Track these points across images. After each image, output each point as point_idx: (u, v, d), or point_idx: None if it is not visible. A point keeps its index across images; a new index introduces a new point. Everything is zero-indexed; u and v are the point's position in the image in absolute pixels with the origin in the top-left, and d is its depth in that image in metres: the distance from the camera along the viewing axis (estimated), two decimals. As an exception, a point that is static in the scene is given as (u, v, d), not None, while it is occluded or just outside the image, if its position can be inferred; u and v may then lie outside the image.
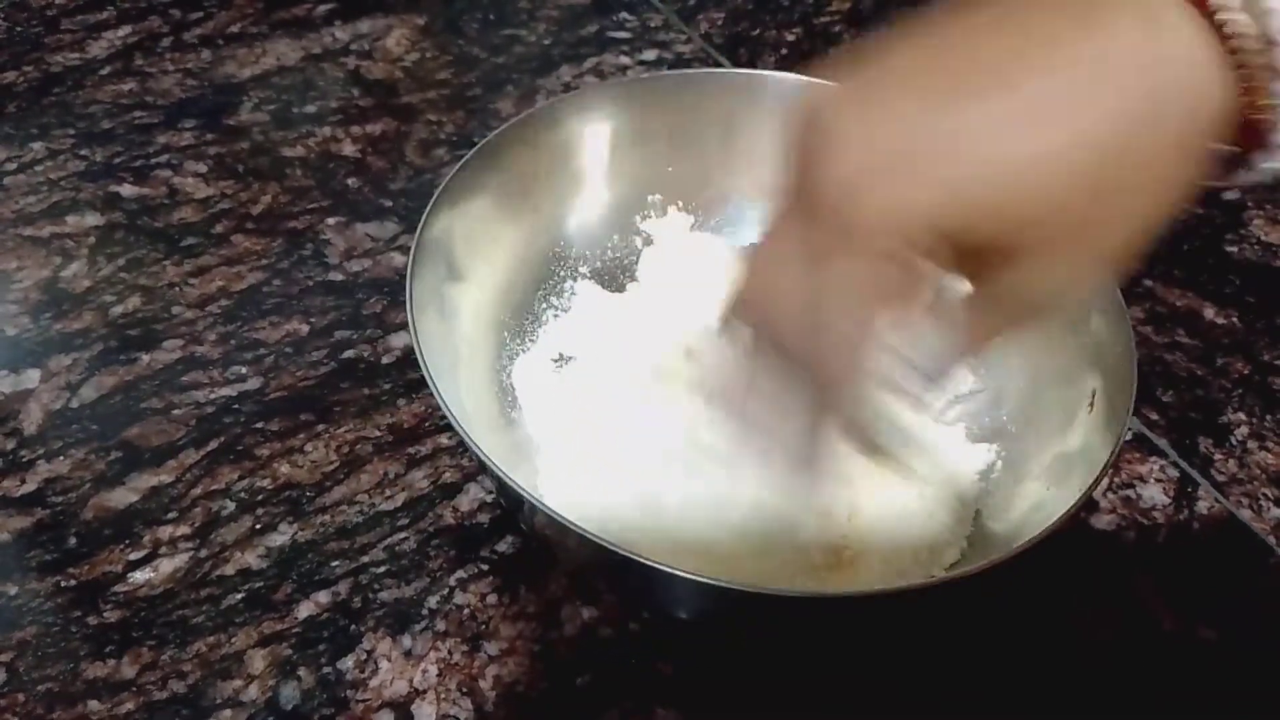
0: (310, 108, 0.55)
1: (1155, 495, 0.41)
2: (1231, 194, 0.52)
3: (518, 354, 0.42)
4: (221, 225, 0.49)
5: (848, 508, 0.36)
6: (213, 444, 0.41)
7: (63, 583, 0.37)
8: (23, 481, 0.39)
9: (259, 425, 0.41)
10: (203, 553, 0.38)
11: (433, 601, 0.37)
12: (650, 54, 0.59)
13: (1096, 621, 0.37)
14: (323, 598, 0.37)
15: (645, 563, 0.28)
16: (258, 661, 0.35)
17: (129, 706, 0.34)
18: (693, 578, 0.28)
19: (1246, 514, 0.40)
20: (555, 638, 0.36)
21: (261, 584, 0.37)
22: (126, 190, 0.50)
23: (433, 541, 0.38)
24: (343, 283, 0.47)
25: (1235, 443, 0.42)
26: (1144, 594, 0.38)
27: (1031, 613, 0.37)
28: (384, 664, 0.35)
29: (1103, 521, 0.40)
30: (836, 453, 0.33)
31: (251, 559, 0.38)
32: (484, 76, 0.57)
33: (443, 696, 0.34)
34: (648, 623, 0.36)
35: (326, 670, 0.35)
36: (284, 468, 0.40)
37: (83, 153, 0.52)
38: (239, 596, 0.37)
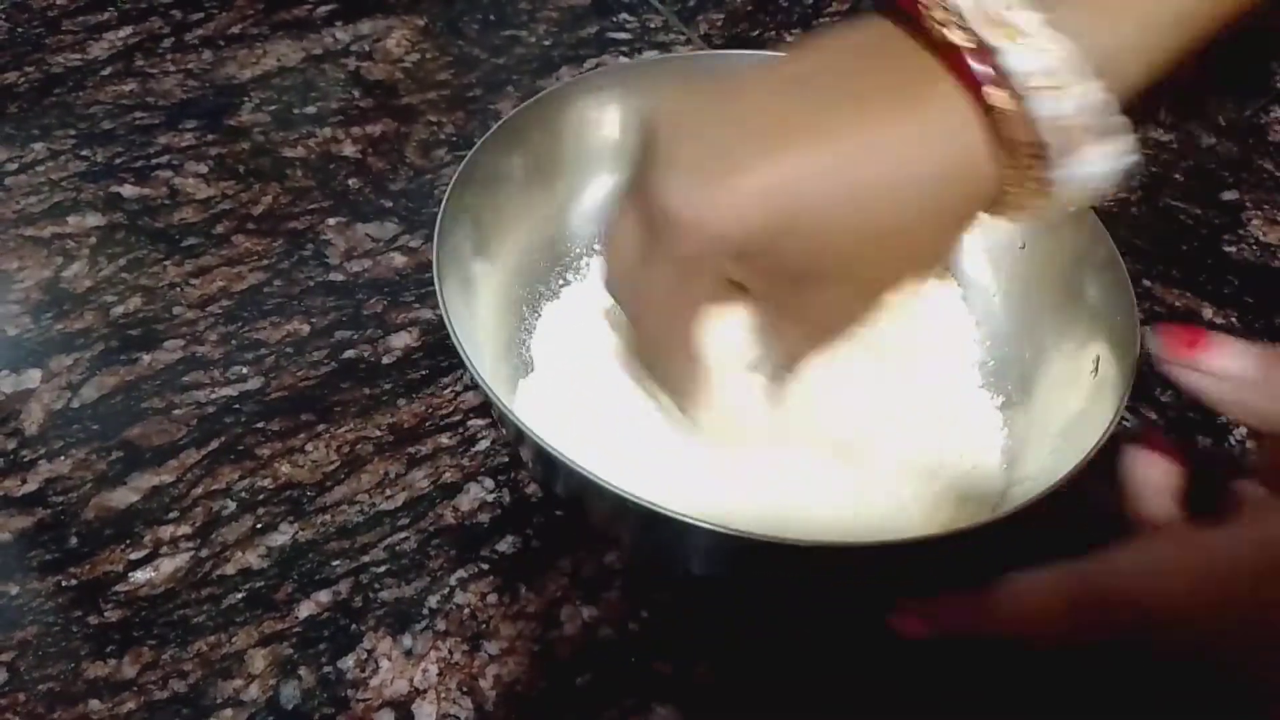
0: (311, 108, 0.55)
1: (1154, 495, 0.41)
2: (1230, 194, 0.52)
3: (534, 327, 0.42)
4: (222, 226, 0.49)
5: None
6: (214, 444, 0.41)
7: (64, 582, 0.37)
8: (24, 481, 0.39)
9: (260, 425, 0.41)
10: (203, 552, 0.38)
11: (433, 601, 0.37)
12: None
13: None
14: (323, 597, 0.37)
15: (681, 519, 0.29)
16: (258, 661, 0.35)
17: (130, 706, 0.34)
18: (712, 528, 0.29)
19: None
20: (555, 637, 0.36)
21: (262, 583, 0.37)
22: (127, 191, 0.50)
23: (433, 541, 0.38)
24: (343, 283, 0.47)
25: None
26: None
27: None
28: (384, 663, 0.35)
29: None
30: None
31: (252, 558, 0.38)
32: (484, 77, 0.57)
33: (443, 696, 0.34)
34: (648, 623, 0.36)
35: (327, 670, 0.35)
36: (285, 467, 0.40)
37: (84, 153, 0.52)
38: (240, 596, 0.37)
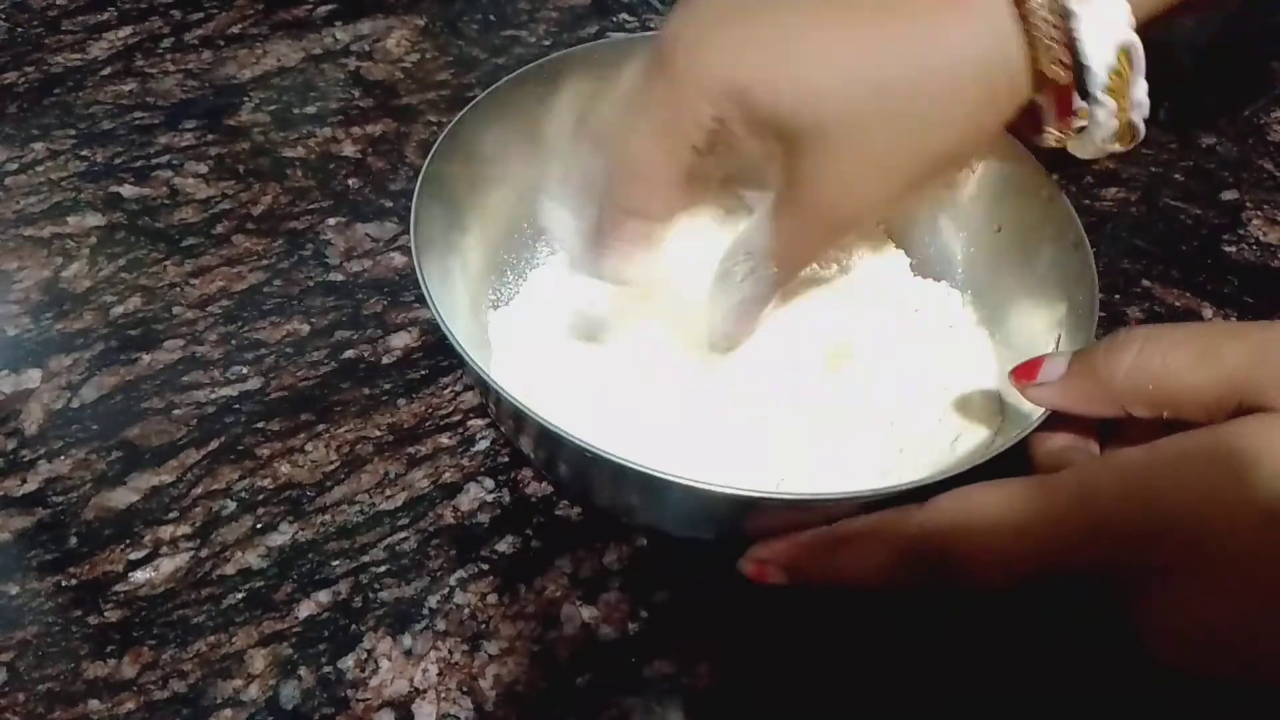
0: (310, 108, 0.55)
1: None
2: (1230, 194, 0.52)
3: (501, 303, 0.43)
4: (222, 225, 0.49)
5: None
6: (213, 444, 0.41)
7: (63, 582, 0.37)
8: (23, 481, 0.39)
9: (259, 425, 0.41)
10: (203, 552, 0.38)
11: (433, 601, 0.37)
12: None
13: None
14: (323, 597, 0.37)
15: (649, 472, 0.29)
16: (258, 661, 0.35)
17: (129, 706, 0.34)
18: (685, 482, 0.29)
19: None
20: (555, 637, 0.36)
21: (262, 583, 0.37)
22: (127, 190, 0.50)
23: (433, 541, 0.38)
24: (343, 283, 0.47)
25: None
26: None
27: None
28: (384, 663, 0.35)
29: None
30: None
31: (252, 558, 0.38)
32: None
33: (443, 696, 0.34)
34: (648, 623, 0.36)
35: (327, 670, 0.35)
36: (284, 467, 0.40)
37: (83, 153, 0.52)
38: (239, 596, 0.37)
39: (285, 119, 0.54)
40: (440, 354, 0.44)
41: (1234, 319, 0.47)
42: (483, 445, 0.41)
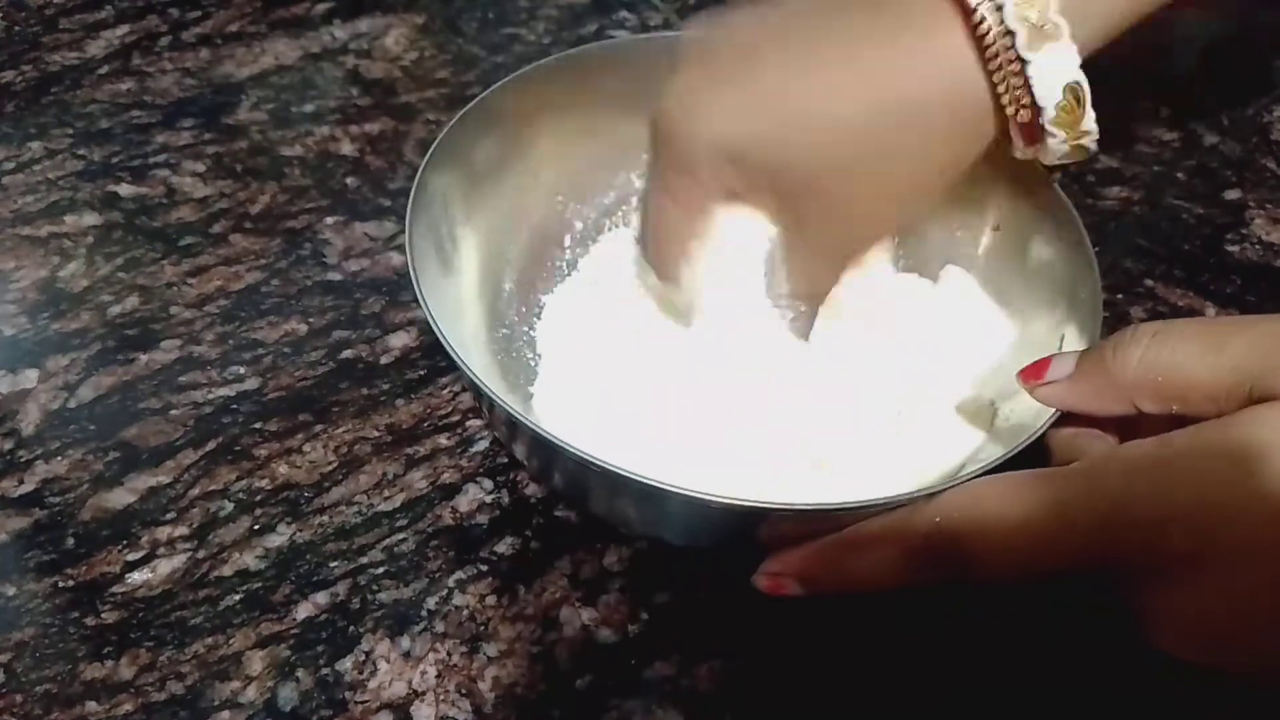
0: (309, 107, 0.55)
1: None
2: (1233, 194, 0.52)
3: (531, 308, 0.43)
4: (220, 225, 0.49)
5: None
6: (211, 444, 0.41)
7: (60, 583, 0.37)
8: (20, 482, 0.39)
9: (257, 425, 0.41)
10: (201, 553, 0.38)
11: (431, 603, 0.36)
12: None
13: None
14: (321, 599, 0.37)
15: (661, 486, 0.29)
16: (256, 663, 0.35)
17: (127, 708, 0.34)
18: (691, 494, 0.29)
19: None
20: (554, 639, 0.36)
21: (260, 585, 0.37)
22: (124, 190, 0.50)
23: (431, 542, 0.38)
24: (341, 282, 0.47)
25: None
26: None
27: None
28: (383, 665, 0.35)
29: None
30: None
31: (250, 560, 0.37)
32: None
33: (441, 698, 0.34)
34: (648, 624, 0.36)
35: (325, 671, 0.35)
36: (282, 468, 0.40)
37: (81, 152, 0.52)
38: (237, 597, 0.36)
39: (283, 118, 0.54)
40: (439, 354, 0.44)
41: (1236, 318, 0.47)
42: (481, 446, 0.41)
